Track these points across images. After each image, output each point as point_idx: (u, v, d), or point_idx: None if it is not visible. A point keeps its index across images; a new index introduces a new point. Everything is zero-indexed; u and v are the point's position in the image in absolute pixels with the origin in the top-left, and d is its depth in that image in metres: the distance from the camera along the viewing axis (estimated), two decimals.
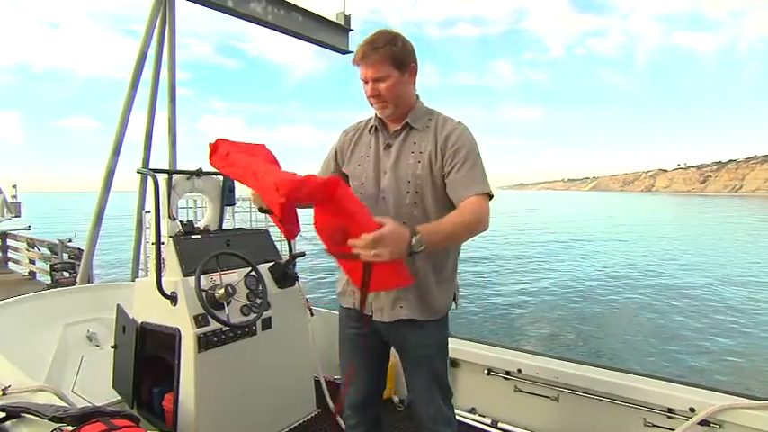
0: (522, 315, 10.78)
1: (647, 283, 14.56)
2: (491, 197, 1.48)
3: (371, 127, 1.66)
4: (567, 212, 63.50)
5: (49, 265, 9.40)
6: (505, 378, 2.45)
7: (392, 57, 1.48)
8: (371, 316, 1.63)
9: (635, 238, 28.48)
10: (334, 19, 8.34)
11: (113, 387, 2.40)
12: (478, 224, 1.41)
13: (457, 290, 1.70)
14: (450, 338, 2.72)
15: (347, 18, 8.22)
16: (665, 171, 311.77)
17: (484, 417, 2.52)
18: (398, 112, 1.58)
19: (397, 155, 1.57)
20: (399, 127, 1.59)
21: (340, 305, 1.76)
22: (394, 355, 1.77)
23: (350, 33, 8.34)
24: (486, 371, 2.52)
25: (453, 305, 1.69)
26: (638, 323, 10.26)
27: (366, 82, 1.53)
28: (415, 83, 1.60)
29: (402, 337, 1.64)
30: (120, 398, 2.33)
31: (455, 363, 2.66)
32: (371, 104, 1.59)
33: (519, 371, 2.40)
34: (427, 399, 1.65)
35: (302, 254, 2.41)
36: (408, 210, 1.54)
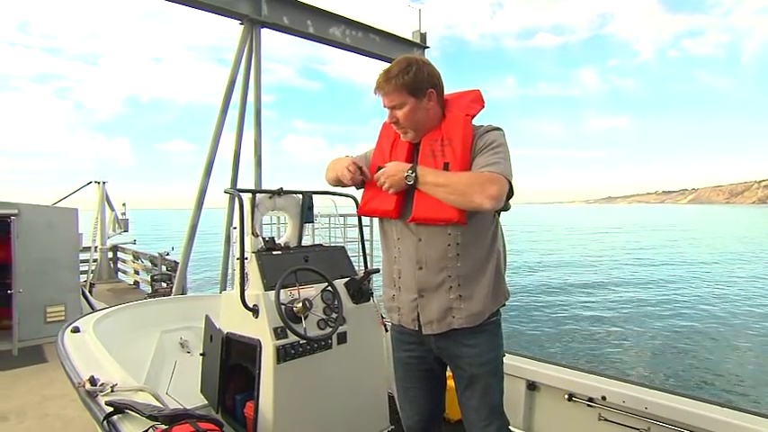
0: None
1: None
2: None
3: None
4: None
5: (149, 276, 10.34)
6: (589, 405, 2.30)
7: (405, 85, 1.53)
8: (420, 331, 1.65)
9: None
10: (410, 38, 8.49)
11: (201, 392, 2.54)
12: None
13: (505, 295, 1.68)
14: (529, 360, 2.62)
15: (423, 36, 8.34)
16: None
17: None
18: (421, 136, 1.62)
19: None
20: None
21: (390, 324, 1.83)
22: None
23: (426, 50, 8.45)
24: (567, 396, 2.38)
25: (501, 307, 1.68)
26: None
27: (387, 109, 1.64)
28: (440, 104, 1.62)
29: (455, 353, 1.63)
30: (206, 402, 2.47)
31: (534, 386, 2.55)
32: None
33: (603, 398, 2.24)
34: (481, 426, 1.61)
35: (377, 270, 2.45)
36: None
